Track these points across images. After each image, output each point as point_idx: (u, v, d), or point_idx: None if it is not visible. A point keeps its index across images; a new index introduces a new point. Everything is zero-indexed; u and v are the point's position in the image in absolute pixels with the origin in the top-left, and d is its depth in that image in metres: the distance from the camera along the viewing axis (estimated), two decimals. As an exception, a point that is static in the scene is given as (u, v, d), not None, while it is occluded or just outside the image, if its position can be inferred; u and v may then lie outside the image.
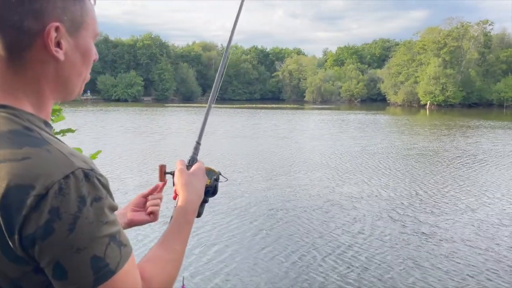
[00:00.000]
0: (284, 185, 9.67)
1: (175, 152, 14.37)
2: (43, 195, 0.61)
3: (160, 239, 0.86)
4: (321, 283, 4.88)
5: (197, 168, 1.02)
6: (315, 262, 5.45)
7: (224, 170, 11.52)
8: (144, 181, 9.77)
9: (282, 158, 13.59)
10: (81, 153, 0.69)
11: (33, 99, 0.73)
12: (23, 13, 0.67)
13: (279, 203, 8.21)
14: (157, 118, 32.09)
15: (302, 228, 6.77)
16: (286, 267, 5.29)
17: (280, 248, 5.91)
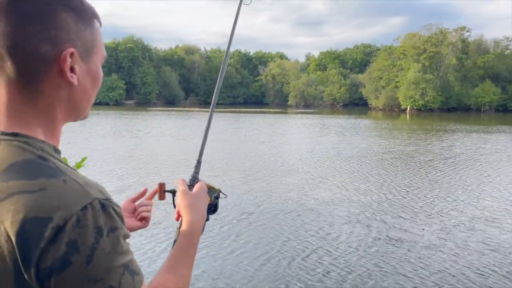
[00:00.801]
0: (258, 190, 9.75)
1: (154, 156, 14.33)
2: (61, 227, 0.60)
3: (166, 263, 0.85)
4: (286, 286, 4.97)
5: (199, 188, 1.01)
6: (281, 266, 5.54)
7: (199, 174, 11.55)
8: (124, 185, 9.74)
9: (259, 162, 13.68)
10: (95, 182, 0.69)
11: (45, 125, 0.73)
12: (40, 39, 0.68)
13: (251, 207, 8.29)
14: (138, 121, 31.87)
15: (272, 232, 6.86)
16: (253, 271, 5.36)
17: (249, 252, 5.98)
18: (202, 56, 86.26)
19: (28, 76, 0.69)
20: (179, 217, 0.97)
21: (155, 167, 12.32)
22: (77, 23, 0.72)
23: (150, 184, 10.41)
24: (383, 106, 67.77)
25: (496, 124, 35.80)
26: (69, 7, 0.71)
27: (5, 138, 0.69)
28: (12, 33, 0.67)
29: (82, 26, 0.72)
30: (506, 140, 21.70)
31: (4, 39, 0.67)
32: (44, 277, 0.60)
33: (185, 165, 12.81)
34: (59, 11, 0.70)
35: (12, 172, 0.65)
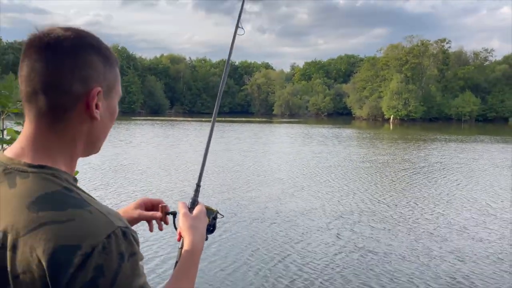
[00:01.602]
0: (235, 199, 9.83)
1: (136, 165, 14.28)
2: (89, 253, 0.66)
3: (170, 282, 0.91)
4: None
5: (199, 211, 1.09)
6: (249, 274, 5.61)
7: (178, 183, 11.58)
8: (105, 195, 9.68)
9: (238, 172, 13.76)
10: (114, 210, 0.76)
11: (67, 158, 0.79)
12: (73, 79, 0.75)
13: (226, 216, 8.35)
14: (122, 131, 31.66)
15: (244, 241, 6.93)
16: (222, 278, 5.42)
17: (219, 260, 6.04)
18: (187, 66, 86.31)
19: (58, 112, 0.76)
20: (181, 238, 1.04)
21: (142, 179, 12.31)
22: (104, 65, 0.80)
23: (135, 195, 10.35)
24: (367, 116, 68.66)
25: (476, 134, 36.61)
26: (98, 52, 0.79)
27: (33, 170, 0.74)
28: (48, 72, 0.74)
29: (107, 68, 0.81)
30: (481, 150, 22.25)
31: (40, 77, 0.74)
32: None
33: (160, 174, 12.82)
34: (90, 55, 0.78)
35: (41, 203, 0.70)
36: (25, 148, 0.77)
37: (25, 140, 0.78)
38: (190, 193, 1.20)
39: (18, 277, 0.68)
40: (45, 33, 0.76)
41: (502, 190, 11.41)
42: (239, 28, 1.46)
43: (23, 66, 0.76)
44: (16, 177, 0.74)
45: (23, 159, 0.76)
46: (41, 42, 0.75)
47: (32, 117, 0.77)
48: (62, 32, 0.76)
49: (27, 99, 0.76)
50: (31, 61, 0.75)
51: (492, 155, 19.55)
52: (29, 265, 0.68)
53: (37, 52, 0.75)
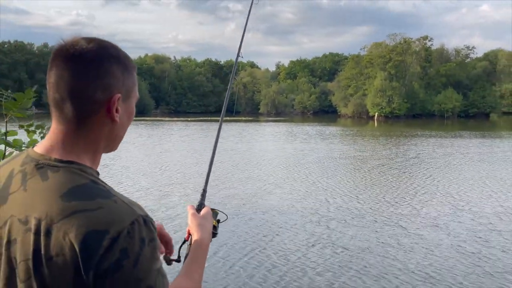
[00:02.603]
0: (214, 197, 9.92)
1: (123, 167, 14.25)
2: (115, 238, 0.75)
3: (182, 271, 1.02)
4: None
5: (206, 212, 1.21)
6: (222, 269, 5.72)
7: (154, 184, 11.60)
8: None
9: (218, 170, 13.84)
10: (135, 201, 0.84)
11: (91, 155, 0.89)
12: (96, 87, 0.85)
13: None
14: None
15: (218, 238, 7.03)
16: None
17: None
18: (172, 65, 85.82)
19: (83, 116, 0.85)
20: (189, 236, 1.14)
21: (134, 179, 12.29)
22: (123, 73, 0.89)
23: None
24: (352, 114, 69.11)
25: (457, 129, 37.22)
26: (118, 61, 0.88)
27: (63, 165, 0.84)
28: (74, 81, 0.84)
29: (126, 75, 0.90)
30: (459, 145, 22.72)
31: (67, 85, 0.84)
32: (100, 277, 0.75)
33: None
34: (111, 65, 0.87)
35: (73, 194, 0.79)
36: (55, 146, 0.86)
37: (55, 139, 0.87)
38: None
39: (52, 259, 0.76)
40: (70, 44, 0.85)
41: (475, 184, 11.72)
42: (240, 58, 1.62)
43: (51, 74, 0.86)
44: (47, 171, 0.83)
45: (53, 156, 0.85)
46: (67, 53, 0.84)
47: (60, 120, 0.87)
48: (86, 44, 0.86)
49: (56, 104, 0.86)
50: (59, 70, 0.85)
51: (469, 150, 19.99)
52: (62, 248, 0.75)
53: (64, 62, 0.84)
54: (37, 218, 0.78)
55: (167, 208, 8.85)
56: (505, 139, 26.94)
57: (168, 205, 9.12)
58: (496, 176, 12.75)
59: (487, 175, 12.91)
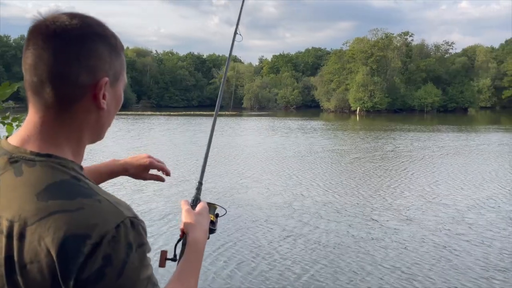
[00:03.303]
0: (186, 192, 9.83)
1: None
2: (98, 243, 0.66)
3: (175, 275, 0.92)
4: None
5: (202, 208, 1.09)
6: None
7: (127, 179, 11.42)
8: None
9: (196, 165, 13.74)
10: (123, 200, 0.74)
11: (74, 146, 0.78)
12: (80, 69, 0.74)
13: (174, 210, 8.35)
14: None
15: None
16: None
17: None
18: (154, 59, 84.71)
19: (65, 102, 0.75)
20: (183, 234, 1.03)
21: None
22: (111, 54, 0.79)
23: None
24: (334, 108, 69.57)
25: (436, 124, 37.86)
26: (106, 41, 0.78)
27: (40, 159, 0.73)
28: (55, 62, 0.73)
29: (114, 57, 0.80)
30: (435, 138, 23.11)
31: (46, 67, 0.73)
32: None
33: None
34: (97, 45, 0.76)
35: (50, 192, 0.69)
36: (31, 137, 0.76)
37: (32, 128, 0.76)
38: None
39: (26, 266, 0.67)
40: (51, 20, 0.74)
41: (448, 177, 11.93)
42: (237, 35, 1.49)
43: (28, 54, 0.74)
44: (22, 165, 0.73)
45: (29, 148, 0.75)
46: (48, 30, 0.73)
47: (38, 107, 0.76)
48: (68, 20, 0.75)
49: (33, 89, 0.75)
50: (38, 49, 0.73)
51: (444, 143, 20.35)
52: (37, 254, 0.67)
53: (43, 40, 0.73)
54: (9, 220, 0.69)
55: (143, 202, 8.74)
56: (481, 133, 27.54)
57: (143, 199, 9.01)
58: (469, 169, 13.01)
59: (460, 168, 13.16)
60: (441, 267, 5.66)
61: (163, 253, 1.08)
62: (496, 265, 5.66)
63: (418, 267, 5.63)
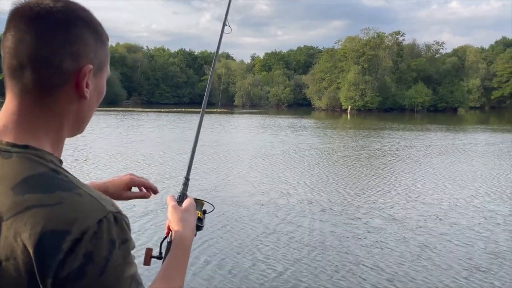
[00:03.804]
0: (169, 188, 9.73)
1: (93, 158, 13.81)
2: (78, 239, 0.63)
3: (160, 274, 0.89)
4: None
5: (189, 204, 1.07)
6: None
7: (111, 174, 11.31)
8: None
9: (181, 162, 13.64)
10: (105, 196, 0.71)
11: (53, 137, 0.74)
12: (64, 54, 0.71)
13: (158, 207, 8.26)
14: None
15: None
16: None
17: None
18: (145, 55, 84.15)
19: (46, 89, 0.71)
20: (169, 231, 1.01)
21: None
22: (96, 42, 0.76)
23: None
24: (325, 107, 69.78)
25: (426, 123, 38.08)
26: (91, 27, 0.75)
27: (17, 150, 0.69)
28: (38, 46, 0.69)
29: (99, 45, 0.77)
30: (423, 137, 23.24)
31: (28, 50, 0.69)
32: (60, 287, 0.63)
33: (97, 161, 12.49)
34: (83, 30, 0.73)
35: (28, 185, 0.66)
36: (7, 126, 0.72)
37: (8, 117, 0.72)
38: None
39: (1, 263, 0.64)
40: (34, 2, 0.71)
41: (432, 175, 11.99)
42: (226, 26, 1.43)
43: (9, 36, 0.70)
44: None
45: (4, 138, 0.71)
46: (31, 12, 0.70)
47: (16, 93, 0.72)
48: (52, 3, 0.71)
49: (11, 72, 0.71)
50: (19, 32, 0.70)
51: (431, 142, 20.48)
52: (13, 251, 0.63)
53: (26, 23, 0.70)
54: None
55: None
56: (468, 132, 27.80)
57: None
58: (453, 168, 13.09)
59: (445, 167, 13.23)
60: (423, 266, 5.65)
61: (148, 251, 1.04)
62: (478, 265, 5.66)
63: (400, 266, 5.62)
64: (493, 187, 10.47)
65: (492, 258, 5.91)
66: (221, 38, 1.44)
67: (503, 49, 75.31)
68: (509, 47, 74.49)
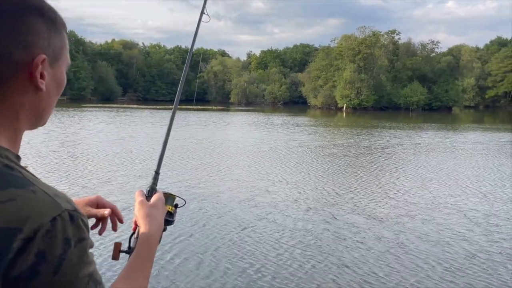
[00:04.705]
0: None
1: (87, 154, 13.79)
2: (30, 238, 0.61)
3: (123, 272, 0.86)
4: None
5: (157, 199, 1.03)
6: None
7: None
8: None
9: (167, 157, 13.65)
10: (63, 192, 0.69)
11: (9, 132, 0.71)
12: (13, 44, 0.68)
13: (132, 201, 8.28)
14: (70, 119, 30.39)
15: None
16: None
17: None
18: (140, 51, 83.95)
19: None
20: (136, 227, 0.98)
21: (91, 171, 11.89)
22: (49, 30, 0.72)
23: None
24: (321, 105, 69.81)
25: (421, 122, 38.02)
26: (43, 14, 0.72)
27: None
28: None
29: (53, 33, 0.73)
30: (414, 136, 23.33)
31: None
32: (12, 286, 0.61)
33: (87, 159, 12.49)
34: (33, 18, 0.70)
35: None
36: None
37: None
38: (147, 182, 1.14)
39: None
40: None
41: (415, 174, 12.04)
42: (204, 15, 1.40)
43: None
44: None
45: None
46: None
47: None
48: None
49: None
50: None
51: (420, 140, 20.56)
52: None
53: None
54: None
55: (109, 193, 8.64)
56: (458, 131, 27.94)
57: (110, 191, 8.92)
58: (438, 166, 13.15)
59: (430, 165, 13.30)
60: (400, 265, 5.58)
61: (117, 245, 1.02)
62: (454, 265, 5.60)
63: (376, 265, 5.56)
64: (475, 186, 10.52)
65: (469, 257, 5.84)
66: (199, 26, 1.43)
67: (497, 49, 75.62)
68: (503, 47, 74.79)
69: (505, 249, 6.23)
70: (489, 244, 6.42)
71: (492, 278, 5.25)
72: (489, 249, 6.20)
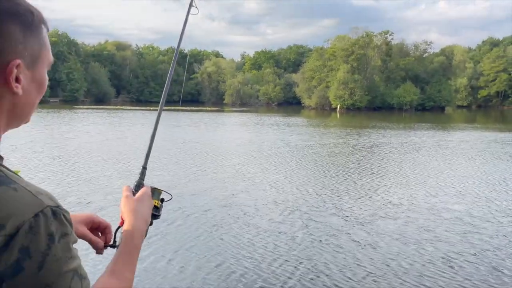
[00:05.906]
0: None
1: (80, 154, 13.73)
2: (13, 234, 0.61)
3: (109, 267, 0.86)
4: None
5: (143, 193, 1.03)
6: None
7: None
8: None
9: (154, 157, 13.62)
10: (45, 190, 0.69)
11: None
12: None
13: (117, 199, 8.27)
14: (62, 120, 30.26)
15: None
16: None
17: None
18: (134, 53, 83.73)
19: None
20: (123, 221, 0.98)
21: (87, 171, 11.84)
22: (25, 33, 0.71)
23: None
24: (315, 105, 69.94)
25: (414, 122, 38.03)
26: (17, 18, 0.70)
27: None
28: None
29: (29, 36, 0.72)
30: (404, 135, 23.41)
31: None
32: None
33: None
34: (6, 23, 0.69)
35: None
36: None
37: None
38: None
39: None
40: None
41: (398, 173, 12.09)
42: (193, 7, 1.37)
43: None
44: None
45: None
46: None
47: None
48: None
49: None
50: None
51: (407, 140, 20.63)
52: None
53: None
54: None
55: (98, 190, 8.62)
56: (447, 130, 28.07)
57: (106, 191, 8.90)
58: (421, 166, 13.21)
59: (412, 164, 13.35)
60: (377, 268, 5.54)
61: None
62: (430, 268, 5.55)
63: (350, 269, 5.50)
64: (456, 185, 10.54)
65: (444, 261, 5.76)
66: (187, 19, 1.40)
67: (489, 49, 76.12)
68: (495, 47, 75.29)
69: (481, 251, 6.18)
70: (465, 245, 6.38)
71: (467, 280, 5.20)
72: (466, 250, 6.17)
